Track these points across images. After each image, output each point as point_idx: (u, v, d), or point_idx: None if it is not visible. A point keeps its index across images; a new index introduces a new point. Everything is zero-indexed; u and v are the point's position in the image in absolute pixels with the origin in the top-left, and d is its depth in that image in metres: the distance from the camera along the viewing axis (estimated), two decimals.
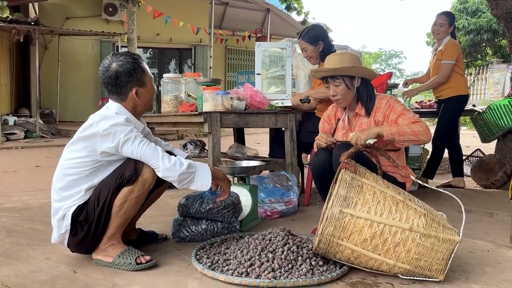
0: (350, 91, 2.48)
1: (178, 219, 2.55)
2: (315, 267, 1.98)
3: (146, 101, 2.26)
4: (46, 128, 10.72)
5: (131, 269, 2.07)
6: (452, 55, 4.00)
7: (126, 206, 2.10)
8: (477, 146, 5.28)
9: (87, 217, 2.10)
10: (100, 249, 2.16)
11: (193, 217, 2.50)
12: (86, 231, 2.10)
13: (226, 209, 2.48)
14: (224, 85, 12.53)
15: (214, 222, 2.51)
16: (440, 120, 4.17)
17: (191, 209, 2.48)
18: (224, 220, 2.51)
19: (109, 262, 2.12)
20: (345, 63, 2.43)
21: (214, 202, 2.45)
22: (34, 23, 10.05)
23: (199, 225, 2.50)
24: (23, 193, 4.16)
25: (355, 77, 2.47)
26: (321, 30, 3.43)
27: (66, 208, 2.11)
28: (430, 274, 1.89)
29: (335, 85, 2.46)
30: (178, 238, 2.51)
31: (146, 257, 2.11)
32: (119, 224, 2.14)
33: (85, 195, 2.12)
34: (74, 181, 2.13)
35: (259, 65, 3.69)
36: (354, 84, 2.48)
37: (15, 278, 1.97)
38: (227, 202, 2.48)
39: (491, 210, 3.30)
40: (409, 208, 1.92)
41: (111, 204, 2.09)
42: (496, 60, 15.83)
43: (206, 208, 2.45)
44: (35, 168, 6.19)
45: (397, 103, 2.48)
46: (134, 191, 2.09)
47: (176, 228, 2.52)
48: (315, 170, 2.49)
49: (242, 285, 1.87)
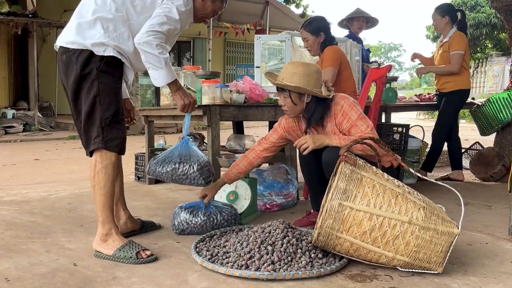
0: (297, 106, 2.40)
1: (177, 211, 2.55)
2: (314, 260, 1.99)
3: (206, 9, 2.42)
4: (45, 121, 10.71)
5: (131, 263, 2.07)
6: (460, 45, 3.95)
7: (97, 179, 2.18)
8: (476, 139, 5.28)
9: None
10: (100, 239, 2.17)
11: (160, 178, 2.46)
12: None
13: (193, 170, 2.38)
14: (223, 78, 12.50)
15: (214, 214, 2.52)
16: (441, 113, 4.15)
17: (158, 168, 2.42)
18: (191, 183, 2.40)
19: (109, 255, 2.13)
20: (295, 79, 2.32)
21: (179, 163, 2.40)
22: (32, 15, 10.00)
23: (198, 216, 2.50)
24: (22, 186, 4.16)
25: (304, 94, 2.37)
26: (324, 22, 3.42)
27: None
28: (429, 266, 1.90)
29: (284, 96, 2.40)
30: (178, 230, 2.52)
31: (147, 251, 2.13)
32: (103, 203, 2.18)
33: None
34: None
35: (259, 58, 3.68)
36: (302, 100, 2.38)
37: (15, 271, 1.98)
38: (195, 163, 2.40)
39: (490, 203, 3.31)
40: (408, 201, 1.92)
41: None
42: (495, 53, 15.84)
43: (168, 169, 2.38)
44: (34, 161, 6.18)
45: (352, 110, 2.35)
46: (98, 161, 2.18)
47: (176, 220, 2.53)
48: (302, 166, 2.58)
49: (242, 278, 1.87)
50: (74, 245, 2.35)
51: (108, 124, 2.17)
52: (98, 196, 2.19)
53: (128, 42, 2.20)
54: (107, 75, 2.18)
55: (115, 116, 2.19)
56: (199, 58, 13.67)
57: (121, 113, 2.24)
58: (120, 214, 2.48)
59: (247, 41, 14.19)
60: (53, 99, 11.94)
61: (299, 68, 2.35)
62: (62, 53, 2.21)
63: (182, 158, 2.39)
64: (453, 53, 3.97)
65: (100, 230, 2.19)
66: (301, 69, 2.34)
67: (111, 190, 2.21)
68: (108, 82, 2.18)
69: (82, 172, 5.15)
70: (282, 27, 11.06)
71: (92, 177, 2.20)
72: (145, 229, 2.59)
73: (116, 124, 2.19)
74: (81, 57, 2.16)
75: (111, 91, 2.19)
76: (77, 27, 2.18)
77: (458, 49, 3.95)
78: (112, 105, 2.18)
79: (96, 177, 2.18)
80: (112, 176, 2.21)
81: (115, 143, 2.19)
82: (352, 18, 4.48)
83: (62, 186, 4.12)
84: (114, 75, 2.21)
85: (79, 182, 4.37)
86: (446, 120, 4.11)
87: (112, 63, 2.19)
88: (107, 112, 2.16)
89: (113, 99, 2.19)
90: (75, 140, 9.05)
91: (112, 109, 2.18)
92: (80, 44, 2.16)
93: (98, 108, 2.16)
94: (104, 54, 2.16)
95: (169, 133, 9.40)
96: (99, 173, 2.18)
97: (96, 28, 2.16)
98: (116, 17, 2.18)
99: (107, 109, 2.16)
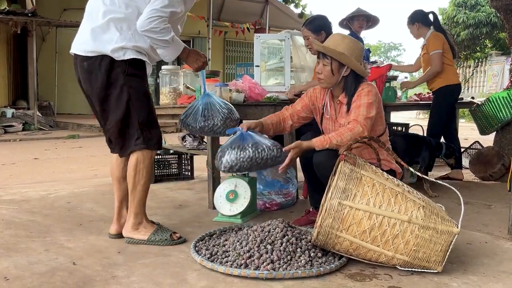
0: (334, 77, 2.40)
1: (223, 149, 2.48)
2: (314, 259, 1.99)
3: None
4: (44, 121, 10.69)
5: (166, 244, 2.28)
6: (436, 45, 4.04)
7: (138, 178, 2.29)
8: (475, 139, 5.28)
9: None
10: (131, 228, 2.33)
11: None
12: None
13: (218, 125, 2.56)
14: (222, 77, 12.49)
15: (260, 145, 2.42)
16: (432, 111, 4.21)
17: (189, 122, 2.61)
18: (219, 135, 2.66)
19: (144, 239, 2.29)
20: (340, 47, 2.36)
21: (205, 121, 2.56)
22: (31, 14, 9.98)
23: (246, 150, 2.39)
24: (22, 185, 4.16)
25: (345, 66, 2.39)
26: (325, 21, 3.43)
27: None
28: (428, 265, 1.90)
29: (323, 64, 2.41)
30: (226, 168, 2.43)
31: (177, 234, 2.35)
32: (140, 198, 2.33)
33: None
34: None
35: (258, 57, 3.67)
36: (340, 72, 2.40)
37: (14, 270, 1.98)
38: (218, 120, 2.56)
39: (489, 202, 3.31)
40: (408, 200, 1.92)
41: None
42: (495, 53, 15.82)
43: (197, 126, 2.57)
44: (33, 160, 6.18)
45: (366, 96, 2.35)
46: (140, 161, 2.28)
47: (223, 159, 2.42)
48: (302, 165, 2.59)
49: (241, 277, 1.87)
50: (73, 244, 2.35)
51: (146, 125, 2.28)
52: (138, 192, 2.32)
53: (144, 37, 2.22)
54: (134, 78, 2.25)
55: (150, 116, 2.30)
56: None
57: (154, 111, 2.36)
58: (122, 213, 2.49)
59: (247, 40, 14.17)
60: (52, 98, 11.92)
61: (345, 39, 2.41)
62: (83, 60, 2.26)
63: (206, 115, 2.55)
64: (431, 53, 4.05)
65: (132, 220, 2.34)
66: (348, 41, 2.40)
67: (149, 186, 2.38)
68: (136, 85, 2.26)
69: (81, 171, 5.15)
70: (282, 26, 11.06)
71: (132, 175, 2.30)
72: None
73: (152, 123, 2.31)
74: (104, 63, 2.21)
75: (141, 93, 2.28)
76: (92, 34, 2.21)
77: (435, 48, 4.03)
78: (144, 106, 2.28)
79: (137, 176, 2.30)
80: (152, 172, 2.39)
81: (155, 141, 2.32)
82: (352, 17, 4.48)
83: (62, 185, 4.11)
84: (141, 76, 2.29)
85: (78, 181, 4.36)
86: (438, 117, 4.13)
87: (135, 65, 2.25)
88: (142, 114, 2.27)
89: (144, 100, 2.29)
90: (74, 139, 9.04)
91: (146, 110, 2.28)
92: (100, 51, 2.20)
93: (132, 112, 2.26)
94: (125, 58, 2.20)
95: (169, 132, 9.39)
96: (141, 171, 2.30)
97: (110, 31, 2.19)
98: (127, 15, 2.20)
99: (141, 111, 2.27)
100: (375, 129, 2.45)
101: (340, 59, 2.37)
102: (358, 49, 2.41)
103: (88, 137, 9.31)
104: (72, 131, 10.12)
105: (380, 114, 2.47)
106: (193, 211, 3.08)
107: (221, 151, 2.47)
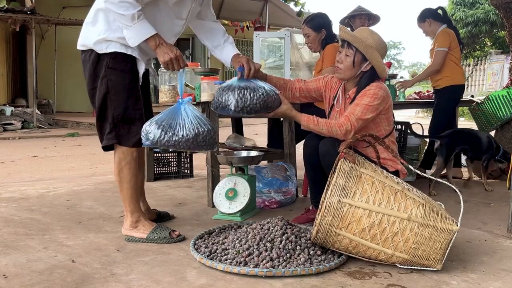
0: (353, 70, 2.37)
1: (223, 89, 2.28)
2: (313, 257, 1.99)
3: None
4: (44, 119, 10.69)
5: (165, 242, 2.27)
6: (443, 42, 4.00)
7: (122, 175, 2.29)
8: None
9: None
10: (130, 226, 2.32)
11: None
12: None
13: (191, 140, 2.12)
14: (222, 75, 12.49)
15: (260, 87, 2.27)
16: (435, 110, 4.17)
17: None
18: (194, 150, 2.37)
19: (143, 238, 2.29)
20: (368, 41, 2.32)
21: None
22: (30, 12, 9.97)
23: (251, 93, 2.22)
24: (21, 183, 4.16)
25: (367, 61, 2.36)
26: (326, 19, 3.43)
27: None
28: (427, 263, 1.90)
29: (346, 54, 2.36)
30: (239, 107, 2.20)
31: (176, 232, 2.33)
32: (130, 196, 2.32)
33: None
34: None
35: (258, 55, 3.67)
36: (361, 66, 2.36)
37: (13, 268, 1.97)
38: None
39: (489, 200, 3.31)
40: (408, 198, 1.92)
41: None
42: (494, 51, 15.83)
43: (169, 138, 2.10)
44: (32, 158, 6.17)
45: (369, 97, 2.30)
46: (122, 158, 2.27)
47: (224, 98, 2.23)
48: (305, 160, 2.57)
49: (240, 274, 1.87)
50: (72, 241, 2.34)
51: (121, 121, 2.23)
52: (125, 190, 2.32)
53: None
54: (115, 71, 2.20)
55: (128, 112, 2.24)
56: (198, 55, 13.63)
57: (135, 108, 2.25)
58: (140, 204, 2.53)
59: (246, 38, 14.15)
60: (51, 96, 11.91)
61: (374, 35, 2.37)
62: (80, 54, 2.30)
63: (172, 126, 2.11)
64: (436, 50, 4.03)
65: (129, 218, 2.34)
66: (377, 37, 2.36)
67: (135, 183, 2.35)
68: (116, 79, 2.20)
69: (80, 169, 5.15)
70: (281, 24, 11.06)
71: (117, 173, 2.31)
72: (161, 219, 2.67)
73: (131, 120, 2.25)
74: (92, 56, 2.22)
75: (120, 88, 2.22)
76: (84, 28, 2.24)
77: (440, 46, 4.01)
78: (122, 102, 2.22)
79: (121, 173, 2.30)
80: (135, 170, 2.33)
81: (129, 138, 2.26)
82: (354, 16, 4.48)
83: (61, 183, 4.11)
84: (123, 70, 2.21)
85: (77, 179, 4.36)
86: (441, 117, 4.12)
87: (118, 58, 2.19)
88: (118, 109, 2.22)
89: (123, 96, 2.22)
90: (73, 137, 9.04)
91: (122, 106, 2.22)
92: (87, 45, 2.21)
93: (109, 105, 2.22)
94: (107, 51, 2.17)
95: None
96: (123, 169, 2.29)
97: (99, 24, 2.19)
98: None
99: (117, 106, 2.22)
100: (380, 130, 2.42)
101: (366, 53, 2.33)
102: (384, 48, 2.38)
103: (87, 135, 9.30)
104: (71, 129, 10.11)
105: (387, 115, 2.43)
106: (192, 209, 3.08)
107: (226, 89, 2.25)
